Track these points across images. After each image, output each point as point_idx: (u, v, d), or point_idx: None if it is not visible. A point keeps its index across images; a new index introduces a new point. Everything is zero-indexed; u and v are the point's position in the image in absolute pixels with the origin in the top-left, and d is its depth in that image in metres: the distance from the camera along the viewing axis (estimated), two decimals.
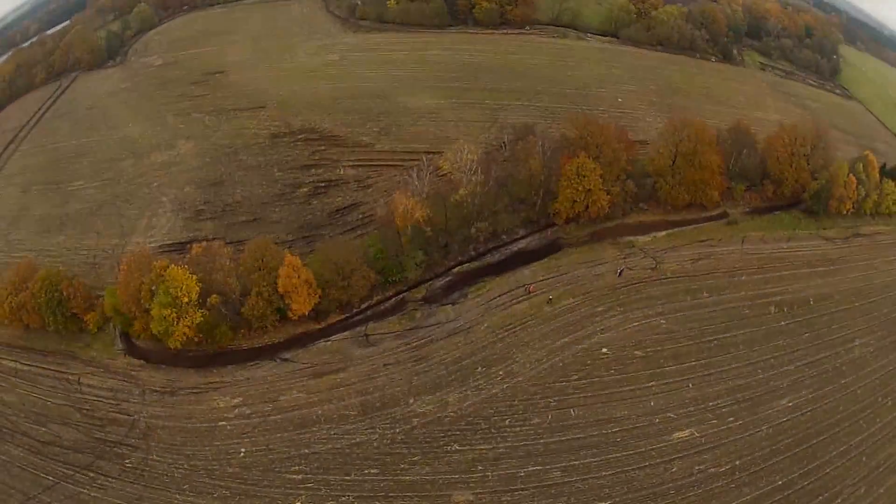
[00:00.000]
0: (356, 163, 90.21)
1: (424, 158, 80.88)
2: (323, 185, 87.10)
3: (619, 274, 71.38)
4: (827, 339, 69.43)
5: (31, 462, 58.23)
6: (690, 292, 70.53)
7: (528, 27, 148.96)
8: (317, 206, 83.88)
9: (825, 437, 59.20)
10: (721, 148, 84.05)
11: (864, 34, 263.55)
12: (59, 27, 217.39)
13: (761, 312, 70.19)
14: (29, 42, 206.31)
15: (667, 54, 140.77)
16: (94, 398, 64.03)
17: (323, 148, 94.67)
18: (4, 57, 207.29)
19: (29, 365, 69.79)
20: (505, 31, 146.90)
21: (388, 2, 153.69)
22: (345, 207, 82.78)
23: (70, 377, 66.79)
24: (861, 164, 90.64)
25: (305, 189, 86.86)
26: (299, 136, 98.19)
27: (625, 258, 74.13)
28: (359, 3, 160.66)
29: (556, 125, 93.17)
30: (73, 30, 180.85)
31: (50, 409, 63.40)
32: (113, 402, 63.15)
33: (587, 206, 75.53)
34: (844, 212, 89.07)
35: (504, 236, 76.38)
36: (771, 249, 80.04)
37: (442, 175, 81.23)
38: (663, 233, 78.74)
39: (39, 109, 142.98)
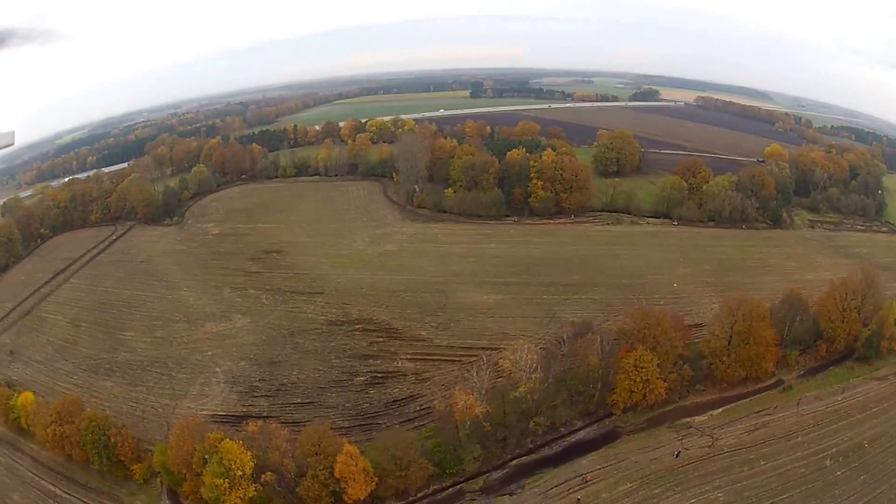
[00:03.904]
0: (414, 356, 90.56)
1: (484, 357, 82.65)
2: (380, 375, 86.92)
3: (677, 455, 70.09)
4: (882, 477, 67.01)
5: None
6: (747, 463, 68.87)
7: (583, 214, 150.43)
8: (374, 395, 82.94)
9: None
10: (775, 321, 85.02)
11: None
12: (116, 167, 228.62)
13: (817, 468, 68.34)
14: (85, 175, 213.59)
15: (719, 230, 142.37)
16: None
17: (381, 339, 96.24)
18: (60, 181, 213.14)
19: (69, 494, 71.36)
20: (560, 220, 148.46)
21: (445, 191, 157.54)
22: (402, 399, 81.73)
23: None
24: None
25: (362, 378, 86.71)
26: (357, 326, 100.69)
27: (682, 439, 73.46)
28: (416, 189, 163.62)
29: (613, 318, 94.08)
30: (131, 176, 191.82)
31: None
32: None
33: (644, 395, 75.76)
34: None
35: (562, 428, 75.51)
36: (825, 406, 79.67)
37: (501, 372, 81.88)
38: (719, 409, 78.84)
39: (93, 249, 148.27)
